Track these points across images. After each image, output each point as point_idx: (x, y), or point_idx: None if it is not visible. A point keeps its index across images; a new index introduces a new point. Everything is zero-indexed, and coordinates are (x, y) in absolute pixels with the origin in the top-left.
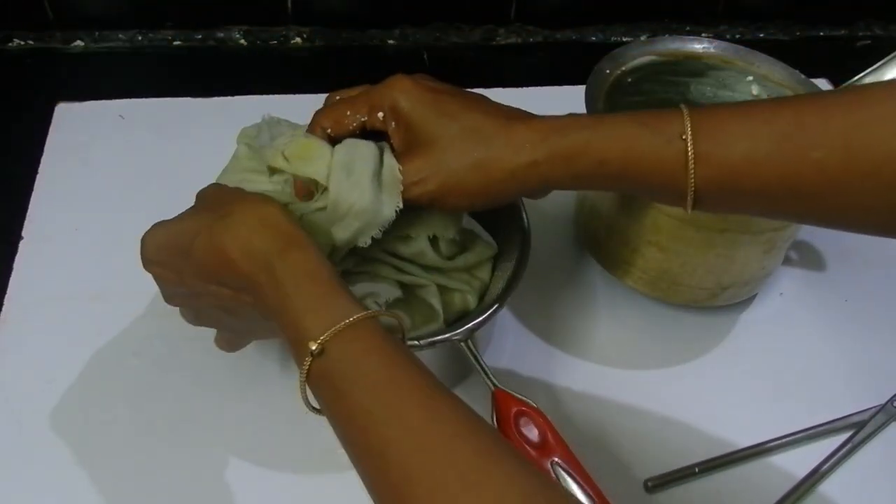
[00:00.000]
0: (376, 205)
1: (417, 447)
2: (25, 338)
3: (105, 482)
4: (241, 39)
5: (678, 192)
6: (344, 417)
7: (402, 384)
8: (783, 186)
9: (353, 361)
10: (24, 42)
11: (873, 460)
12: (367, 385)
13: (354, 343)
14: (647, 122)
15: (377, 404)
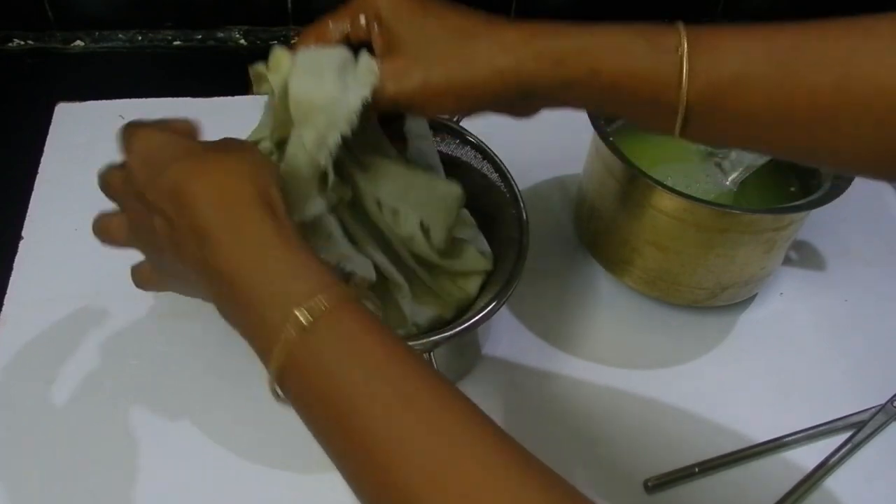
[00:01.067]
0: (341, 93)
1: (424, 439)
2: (25, 338)
3: (105, 482)
4: (241, 39)
5: (669, 109)
6: (334, 402)
7: (400, 368)
8: (773, 112)
9: (350, 339)
10: (24, 42)
11: (873, 460)
12: (366, 367)
13: (346, 316)
14: (642, 34)
15: (379, 389)
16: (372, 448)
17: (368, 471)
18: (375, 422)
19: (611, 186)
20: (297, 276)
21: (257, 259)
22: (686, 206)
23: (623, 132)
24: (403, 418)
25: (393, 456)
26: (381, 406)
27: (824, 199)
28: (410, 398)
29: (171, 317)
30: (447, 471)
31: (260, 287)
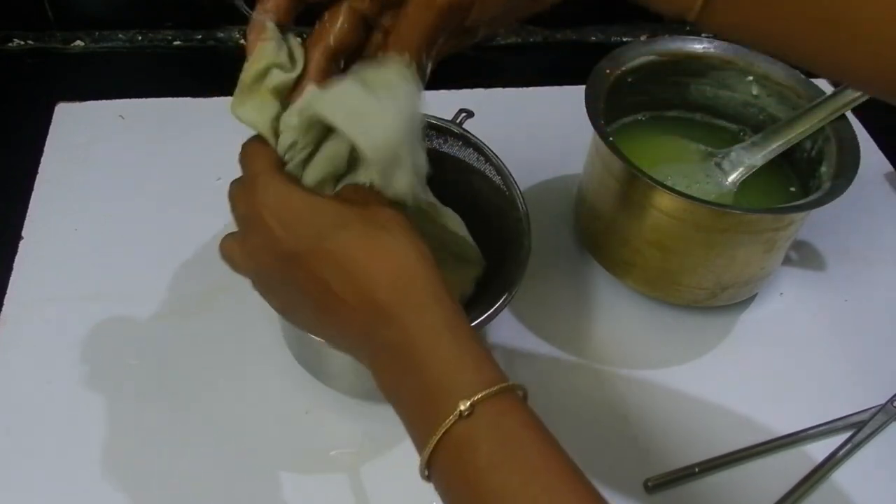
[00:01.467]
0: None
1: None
2: (25, 338)
3: (105, 482)
4: (241, 39)
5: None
6: (482, 492)
7: (556, 470)
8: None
9: (506, 432)
10: (24, 42)
11: (873, 460)
12: (518, 462)
13: (508, 413)
14: None
15: (529, 486)
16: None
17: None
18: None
19: (611, 186)
20: (467, 368)
21: (432, 346)
22: (686, 206)
23: (623, 132)
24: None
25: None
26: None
27: (824, 199)
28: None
29: (171, 317)
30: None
31: (430, 374)
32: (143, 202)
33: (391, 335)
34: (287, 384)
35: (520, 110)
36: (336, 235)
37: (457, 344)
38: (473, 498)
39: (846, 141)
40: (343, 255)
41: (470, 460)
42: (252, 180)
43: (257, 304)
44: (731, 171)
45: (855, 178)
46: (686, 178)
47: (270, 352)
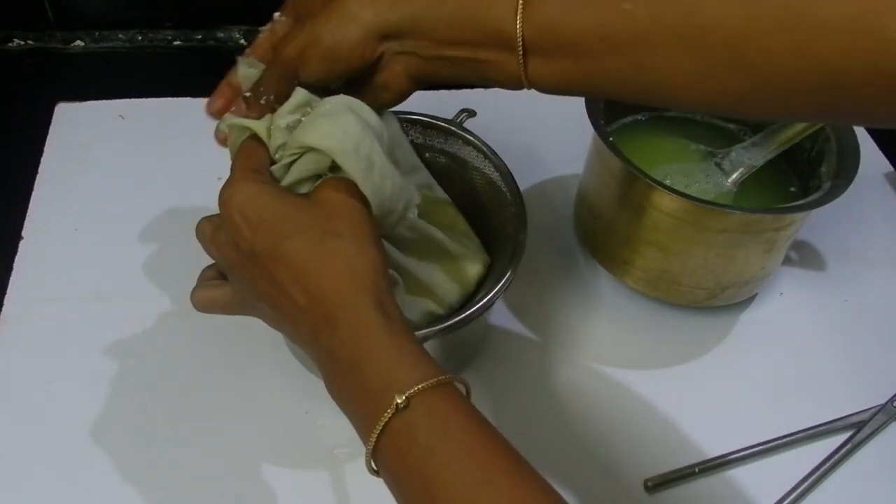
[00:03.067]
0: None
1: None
2: (25, 338)
3: (105, 482)
4: (241, 39)
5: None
6: (420, 476)
7: (490, 449)
8: (598, 38)
9: (441, 419)
10: (24, 42)
11: (873, 460)
12: (454, 445)
13: (442, 402)
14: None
15: (464, 466)
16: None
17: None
18: (457, 499)
19: (611, 186)
20: (403, 366)
21: (370, 348)
22: (686, 206)
23: (623, 132)
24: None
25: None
26: (465, 483)
27: (824, 199)
28: (492, 478)
29: (170, 317)
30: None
31: (369, 374)
32: (143, 202)
33: (334, 338)
34: (287, 384)
35: (520, 110)
36: (292, 241)
37: (394, 345)
38: (416, 484)
39: (846, 141)
40: (296, 259)
41: (409, 449)
42: (231, 177)
43: None
44: (731, 171)
45: (855, 178)
46: (686, 178)
47: (270, 352)
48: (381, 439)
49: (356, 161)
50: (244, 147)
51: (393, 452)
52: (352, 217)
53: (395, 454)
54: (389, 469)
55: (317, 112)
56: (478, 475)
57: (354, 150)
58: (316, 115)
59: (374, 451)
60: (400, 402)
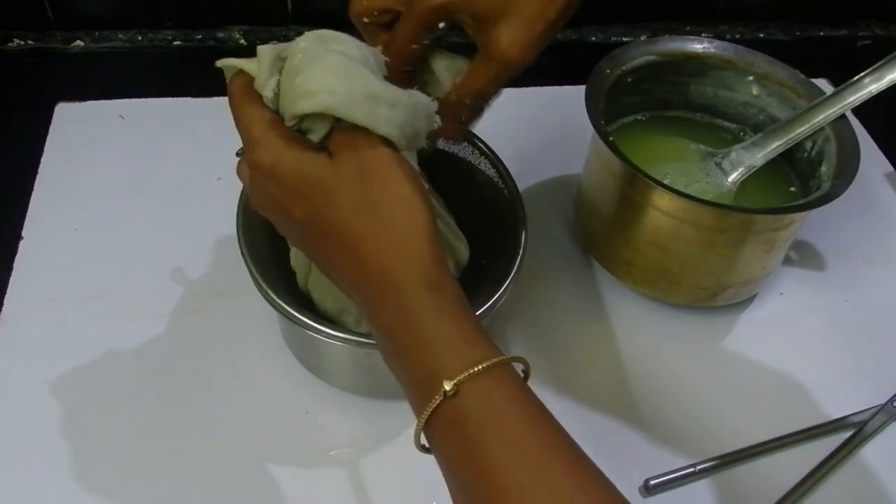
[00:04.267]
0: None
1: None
2: (25, 338)
3: (105, 482)
4: (241, 39)
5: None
6: (472, 469)
7: (547, 445)
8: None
9: (493, 410)
10: (24, 42)
11: (873, 460)
12: (507, 439)
13: (495, 390)
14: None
15: (519, 463)
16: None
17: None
18: (510, 496)
19: (611, 186)
20: (452, 349)
21: (418, 332)
22: (686, 206)
23: (623, 132)
24: (538, 497)
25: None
26: (518, 481)
27: (824, 199)
28: (550, 478)
29: (171, 317)
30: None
31: (417, 359)
32: (143, 202)
33: (381, 319)
34: (287, 384)
35: (520, 110)
36: (328, 214)
37: (444, 327)
38: (469, 477)
39: (846, 141)
40: (335, 235)
41: (458, 440)
42: (252, 136)
43: (257, 305)
44: (731, 171)
45: (855, 178)
46: (686, 178)
47: (270, 352)
48: (431, 423)
49: (358, 108)
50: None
51: (441, 440)
52: (382, 177)
53: (444, 442)
54: (439, 454)
55: (293, 67)
56: (534, 475)
57: (350, 97)
58: (293, 71)
59: (425, 431)
60: (448, 389)
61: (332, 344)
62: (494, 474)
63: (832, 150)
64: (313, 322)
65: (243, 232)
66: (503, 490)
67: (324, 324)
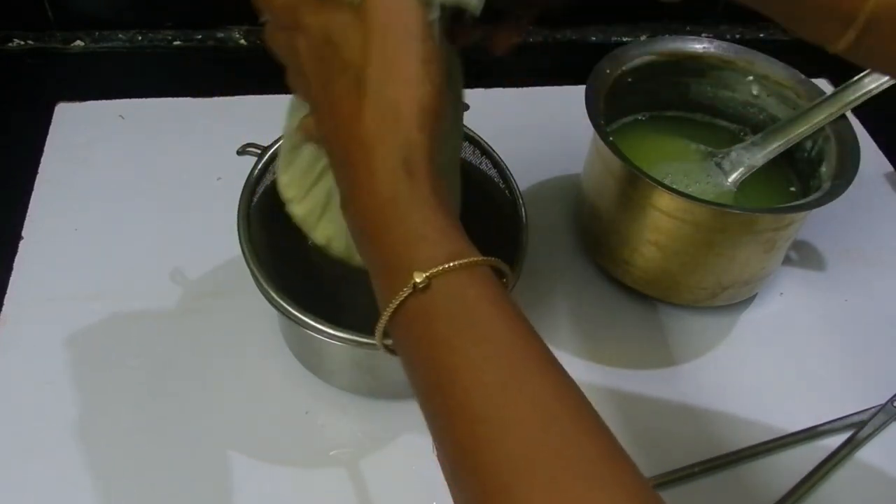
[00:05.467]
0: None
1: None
2: (25, 338)
3: (105, 482)
4: (241, 39)
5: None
6: (437, 368)
7: (520, 345)
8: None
9: (466, 307)
10: (24, 42)
11: (873, 460)
12: (477, 337)
13: (469, 287)
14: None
15: (488, 361)
16: (467, 420)
17: (459, 441)
18: (476, 394)
19: (611, 186)
20: (429, 239)
21: (390, 217)
22: (686, 206)
23: (623, 132)
24: (507, 396)
25: (488, 432)
26: (487, 379)
27: (824, 199)
28: (521, 378)
29: (171, 317)
30: (541, 457)
31: (387, 245)
32: (143, 202)
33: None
34: (287, 384)
35: (520, 110)
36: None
37: (420, 215)
38: (432, 376)
39: (846, 141)
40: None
41: (426, 336)
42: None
43: (257, 305)
44: (731, 171)
45: (855, 178)
46: (686, 178)
47: (270, 352)
48: (397, 318)
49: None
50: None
51: (407, 336)
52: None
53: (409, 338)
54: (403, 352)
55: None
56: (503, 374)
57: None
58: None
59: (389, 327)
60: (419, 281)
61: (332, 344)
62: (461, 371)
63: (832, 150)
64: (313, 322)
65: (243, 232)
66: (469, 388)
67: (324, 324)
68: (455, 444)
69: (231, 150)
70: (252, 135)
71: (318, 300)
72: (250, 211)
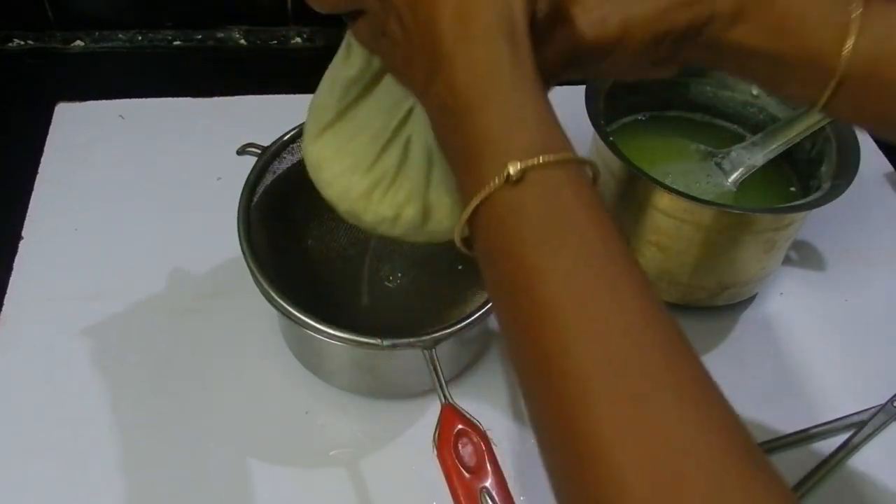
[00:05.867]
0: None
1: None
2: (25, 338)
3: (105, 481)
4: (241, 39)
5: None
6: (524, 268)
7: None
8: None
9: (559, 207)
10: (24, 42)
11: (873, 460)
12: (570, 241)
13: (565, 187)
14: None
15: (581, 269)
16: (552, 325)
17: (542, 345)
18: (565, 300)
19: (611, 186)
20: (525, 126)
21: (488, 91)
22: (686, 206)
23: (623, 132)
24: (597, 308)
25: (573, 340)
26: (577, 287)
27: (824, 199)
28: (613, 291)
29: (171, 317)
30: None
31: (481, 126)
32: (143, 202)
33: (444, 81)
34: (287, 384)
35: None
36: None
37: (519, 96)
38: (514, 275)
39: (846, 141)
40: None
41: (513, 232)
42: None
43: (257, 305)
44: (731, 171)
45: (855, 178)
46: (686, 178)
47: (270, 352)
48: (481, 211)
49: None
50: None
51: (492, 232)
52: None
53: (495, 235)
54: (485, 249)
55: None
56: (595, 284)
57: None
58: None
59: (469, 221)
60: (513, 172)
61: (332, 344)
62: (550, 275)
63: (832, 150)
64: (313, 322)
65: (243, 232)
66: (558, 293)
67: (324, 324)
68: (537, 347)
69: (231, 150)
70: (252, 135)
71: (318, 300)
72: (250, 211)
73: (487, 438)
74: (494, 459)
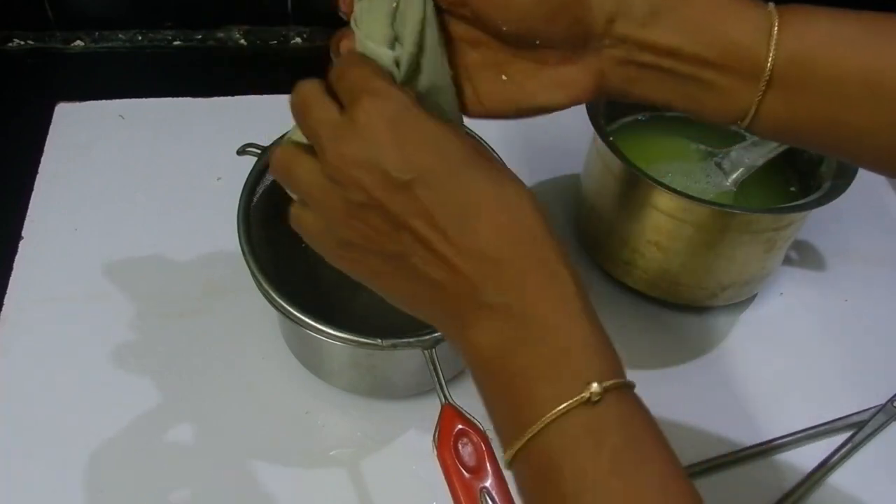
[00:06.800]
0: None
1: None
2: (25, 338)
3: (105, 481)
4: (241, 39)
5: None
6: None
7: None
8: (861, 81)
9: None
10: (24, 42)
11: (873, 460)
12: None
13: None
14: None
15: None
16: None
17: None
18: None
19: (611, 186)
20: (594, 349)
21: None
22: (686, 206)
23: (623, 132)
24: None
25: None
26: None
27: (824, 199)
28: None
29: (171, 317)
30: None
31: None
32: (143, 202)
33: (504, 296)
34: (287, 384)
35: None
36: (462, 168)
37: (583, 319)
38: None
39: None
40: (464, 191)
41: (592, 455)
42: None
43: (257, 305)
44: (731, 171)
45: (855, 178)
46: (686, 178)
47: (270, 352)
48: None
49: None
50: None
51: (565, 453)
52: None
53: (568, 457)
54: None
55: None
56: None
57: None
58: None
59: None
60: (595, 391)
61: (332, 344)
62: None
63: None
64: (313, 322)
65: (243, 232)
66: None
67: (324, 324)
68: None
69: (231, 150)
70: (252, 135)
71: (318, 300)
72: (250, 211)
73: (487, 438)
74: (494, 459)
